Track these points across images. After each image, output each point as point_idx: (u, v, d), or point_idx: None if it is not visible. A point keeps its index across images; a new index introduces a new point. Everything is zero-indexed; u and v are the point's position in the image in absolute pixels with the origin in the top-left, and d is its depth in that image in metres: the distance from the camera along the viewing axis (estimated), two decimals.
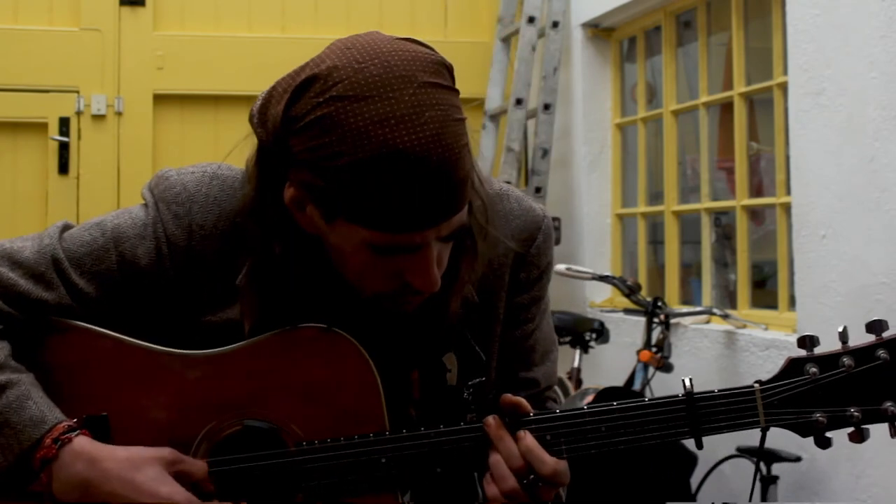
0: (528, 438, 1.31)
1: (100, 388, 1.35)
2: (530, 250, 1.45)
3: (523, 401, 1.34)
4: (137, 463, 1.28)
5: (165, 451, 1.30)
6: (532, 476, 1.30)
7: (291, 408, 1.34)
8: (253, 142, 1.31)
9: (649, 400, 1.33)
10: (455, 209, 1.23)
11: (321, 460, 1.33)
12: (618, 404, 1.33)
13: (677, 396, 1.32)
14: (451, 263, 1.31)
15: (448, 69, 1.24)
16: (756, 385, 1.32)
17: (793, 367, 1.32)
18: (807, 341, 1.32)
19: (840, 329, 1.31)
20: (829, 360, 1.31)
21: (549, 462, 1.30)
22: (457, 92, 1.24)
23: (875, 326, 1.31)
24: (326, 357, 1.34)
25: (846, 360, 1.30)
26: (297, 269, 1.31)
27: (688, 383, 1.32)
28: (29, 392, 1.30)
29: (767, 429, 1.33)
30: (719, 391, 1.32)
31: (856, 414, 1.29)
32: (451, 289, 1.33)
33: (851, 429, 1.31)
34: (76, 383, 1.36)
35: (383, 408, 1.34)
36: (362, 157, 1.16)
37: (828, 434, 1.31)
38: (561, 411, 1.33)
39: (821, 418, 1.30)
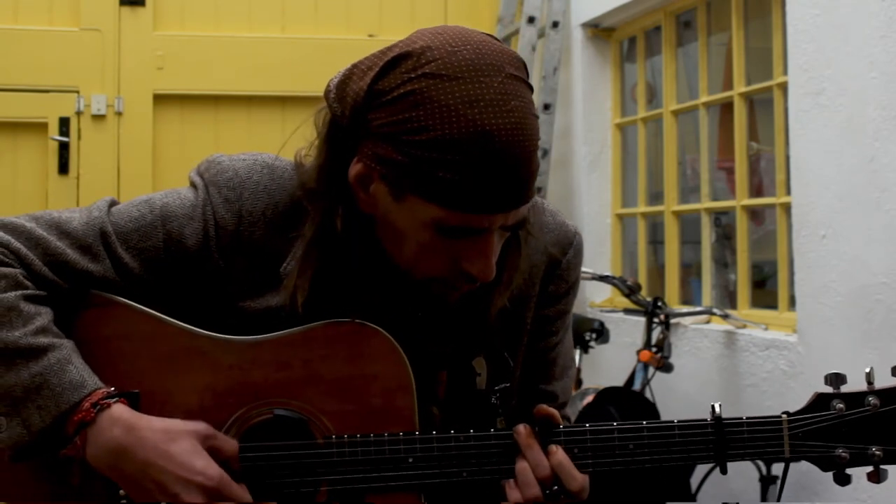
0: (560, 453, 1.33)
1: (135, 366, 1.37)
2: (561, 265, 1.48)
3: (556, 413, 1.36)
4: (173, 434, 1.29)
5: (200, 426, 1.32)
6: (556, 487, 1.32)
7: (323, 400, 1.35)
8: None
9: (678, 422, 1.35)
10: (525, 198, 1.26)
11: (348, 455, 1.34)
12: (647, 423, 1.35)
13: (706, 421, 1.35)
14: (498, 263, 1.32)
15: (526, 69, 1.28)
16: (784, 416, 1.34)
17: (819, 401, 1.35)
18: (833, 378, 1.35)
19: (867, 370, 1.34)
20: (855, 398, 1.34)
21: (579, 479, 1.33)
22: (532, 90, 1.28)
23: None
24: (363, 353, 1.35)
25: (871, 400, 1.33)
26: (355, 246, 1.33)
27: (717, 408, 1.35)
28: (70, 356, 1.31)
29: (790, 461, 1.36)
30: (747, 419, 1.34)
31: (877, 453, 1.32)
32: (495, 288, 1.36)
33: (871, 468, 1.33)
34: (112, 358, 1.37)
35: (414, 408, 1.35)
36: (449, 134, 1.19)
37: (848, 471, 1.34)
38: (591, 426, 1.35)
39: (843, 454, 1.33)
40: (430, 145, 1.20)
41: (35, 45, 5.03)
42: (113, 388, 1.32)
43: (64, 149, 5.04)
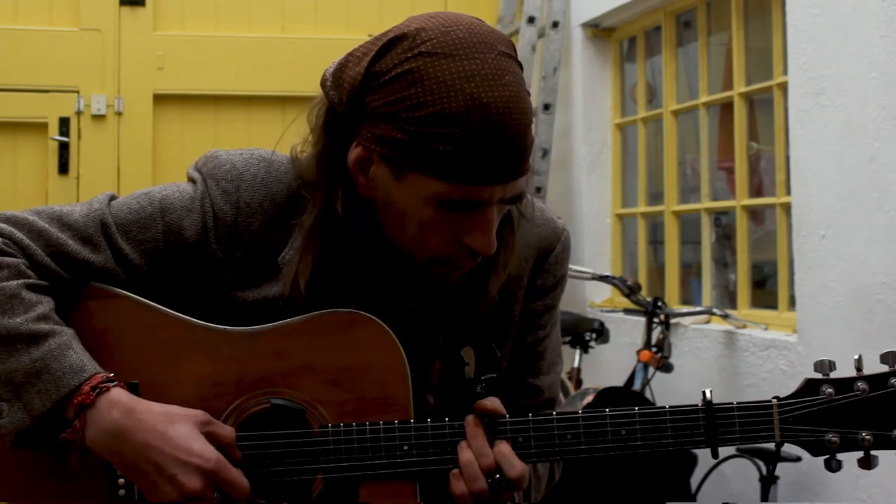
0: (502, 444, 1.34)
1: (134, 356, 1.38)
2: (549, 259, 1.50)
3: (499, 407, 1.36)
4: (172, 418, 1.31)
5: (198, 412, 1.33)
6: (497, 476, 1.33)
7: (319, 390, 1.37)
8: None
9: (669, 407, 1.37)
10: (522, 170, 1.29)
11: (344, 443, 1.35)
12: (639, 409, 1.36)
13: (696, 406, 1.36)
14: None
15: (515, 50, 1.32)
16: (774, 400, 1.36)
17: (809, 386, 1.36)
18: (823, 365, 1.36)
19: (856, 357, 1.36)
20: (845, 383, 1.36)
21: (518, 467, 1.33)
22: (522, 69, 1.31)
23: (889, 357, 1.35)
24: (359, 343, 1.37)
25: (861, 385, 1.35)
26: (356, 232, 1.35)
27: (708, 394, 1.36)
28: (70, 342, 1.34)
29: (781, 444, 1.37)
30: (738, 403, 1.36)
31: (867, 437, 1.33)
32: (491, 271, 1.38)
33: (861, 454, 1.34)
34: (111, 349, 1.38)
35: (409, 397, 1.37)
36: (447, 108, 1.22)
37: (839, 456, 1.35)
38: (583, 411, 1.36)
39: (833, 438, 1.34)
40: (429, 120, 1.23)
41: (35, 45, 5.03)
42: (112, 374, 1.34)
43: (64, 149, 5.05)
